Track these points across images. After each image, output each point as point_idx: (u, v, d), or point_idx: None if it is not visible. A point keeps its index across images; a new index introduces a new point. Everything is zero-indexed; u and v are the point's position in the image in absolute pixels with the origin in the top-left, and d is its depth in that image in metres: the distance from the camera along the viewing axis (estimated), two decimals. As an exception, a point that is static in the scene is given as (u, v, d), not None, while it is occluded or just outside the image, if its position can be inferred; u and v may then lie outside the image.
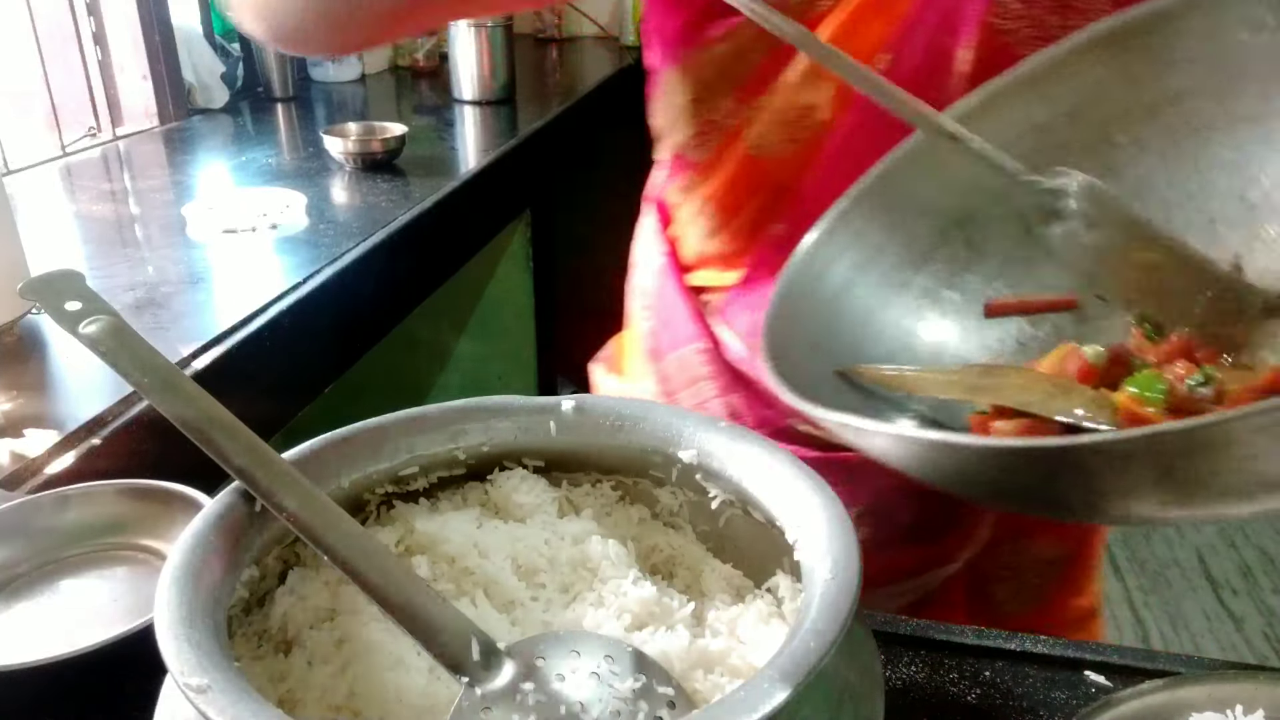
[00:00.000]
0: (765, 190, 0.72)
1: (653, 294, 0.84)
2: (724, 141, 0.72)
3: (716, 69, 0.70)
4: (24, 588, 0.58)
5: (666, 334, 0.82)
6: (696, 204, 0.77)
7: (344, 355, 1.20)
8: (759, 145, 0.70)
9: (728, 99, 0.70)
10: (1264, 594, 2.18)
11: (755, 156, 0.70)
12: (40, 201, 1.37)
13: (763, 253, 0.74)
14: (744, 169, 0.72)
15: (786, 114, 0.69)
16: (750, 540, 0.51)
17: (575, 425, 0.53)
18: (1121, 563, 2.28)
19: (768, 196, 0.72)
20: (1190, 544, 2.34)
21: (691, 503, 0.54)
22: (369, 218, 1.32)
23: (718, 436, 0.51)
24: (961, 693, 0.57)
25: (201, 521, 0.44)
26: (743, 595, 0.50)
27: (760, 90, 0.69)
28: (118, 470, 0.77)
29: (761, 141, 0.70)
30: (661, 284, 0.82)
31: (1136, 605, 2.16)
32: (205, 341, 0.95)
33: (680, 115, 0.74)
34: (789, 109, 0.69)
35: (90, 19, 1.65)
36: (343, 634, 0.45)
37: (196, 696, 0.35)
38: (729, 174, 0.73)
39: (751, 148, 0.70)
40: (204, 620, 0.39)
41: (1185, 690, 0.49)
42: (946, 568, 0.79)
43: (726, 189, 0.73)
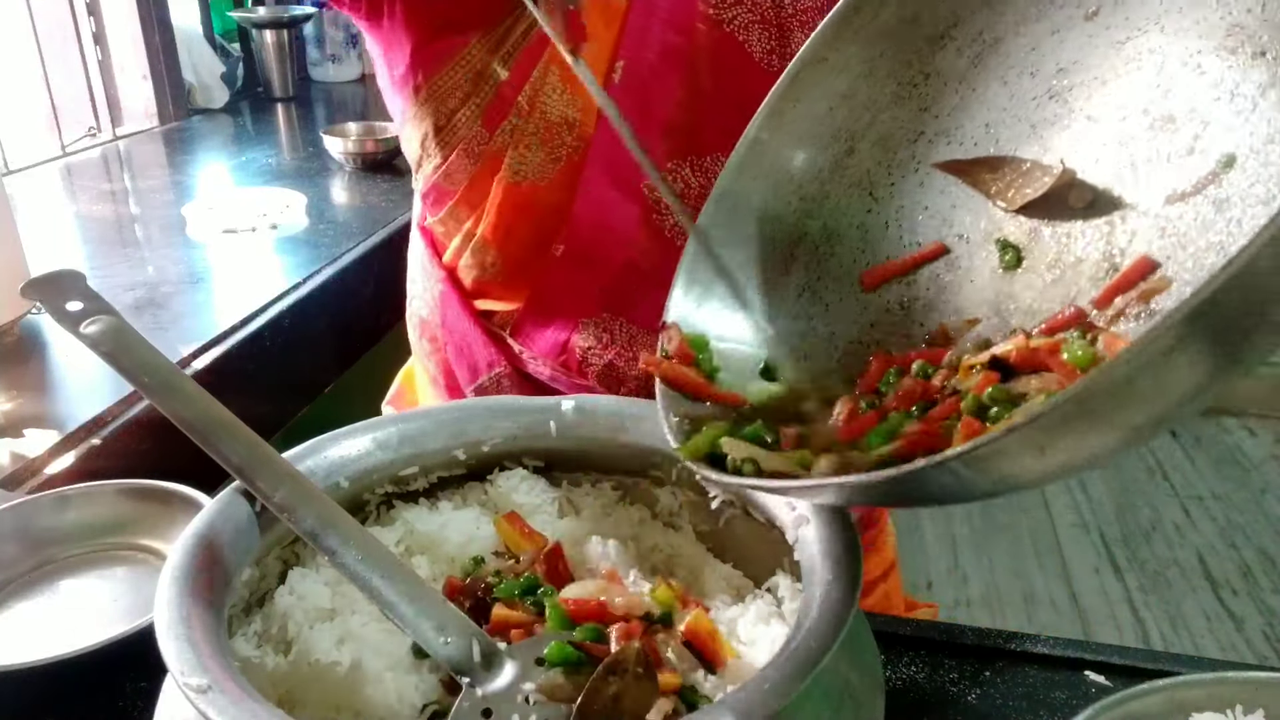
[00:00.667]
0: (536, 214, 0.70)
1: (436, 325, 0.81)
2: (481, 170, 0.70)
3: (458, 95, 0.68)
4: (24, 588, 0.58)
5: (462, 364, 0.79)
6: (465, 234, 0.74)
7: (344, 355, 1.20)
8: (519, 170, 0.68)
9: (475, 124, 0.68)
10: (1264, 594, 2.18)
11: (517, 183, 0.69)
12: (40, 201, 1.37)
13: (546, 274, 0.72)
14: (509, 197, 0.70)
15: (543, 134, 0.67)
16: (750, 540, 0.51)
17: (575, 425, 0.53)
18: (1121, 563, 2.28)
19: (540, 220, 0.70)
20: (1190, 544, 2.34)
21: (691, 503, 0.54)
22: (369, 218, 1.32)
23: None
24: (961, 693, 0.57)
25: (201, 521, 0.44)
26: (742, 595, 0.50)
27: (505, 112, 0.67)
28: (118, 470, 0.77)
29: (521, 166, 0.68)
30: (445, 312, 0.79)
31: (1136, 605, 2.16)
32: (205, 341, 0.95)
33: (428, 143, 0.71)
34: (545, 128, 0.67)
35: (90, 19, 1.65)
36: (343, 634, 0.45)
37: (197, 696, 0.35)
38: (495, 203, 0.70)
39: (513, 175, 0.69)
40: (204, 620, 0.39)
41: (1185, 690, 0.49)
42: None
43: (496, 219, 0.71)
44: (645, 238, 0.69)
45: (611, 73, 0.66)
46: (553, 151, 0.68)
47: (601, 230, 0.69)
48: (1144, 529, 2.42)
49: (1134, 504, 2.51)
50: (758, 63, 0.67)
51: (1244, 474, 2.63)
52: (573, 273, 0.71)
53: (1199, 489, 2.56)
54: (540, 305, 0.74)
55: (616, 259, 0.70)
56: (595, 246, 0.70)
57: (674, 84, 0.67)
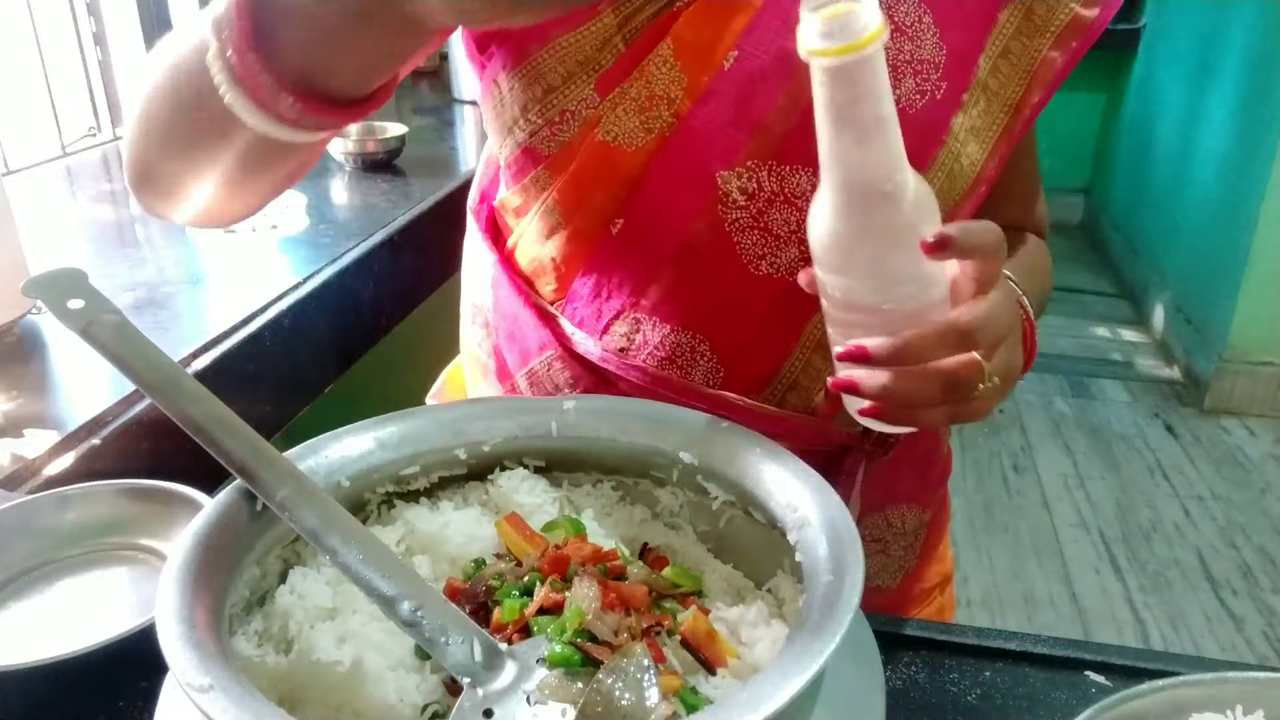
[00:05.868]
0: (613, 182, 0.71)
1: (489, 309, 0.81)
2: (579, 132, 0.71)
3: (577, 59, 0.69)
4: (24, 588, 0.58)
5: (514, 348, 0.79)
6: (540, 200, 0.75)
7: (344, 355, 1.20)
8: (613, 132, 0.69)
9: (587, 87, 0.69)
10: (1264, 594, 2.18)
11: (607, 143, 0.70)
12: (40, 201, 1.37)
13: (601, 250, 0.73)
14: (594, 157, 0.70)
15: (643, 102, 0.69)
16: (751, 541, 0.51)
17: (576, 425, 0.53)
18: (1121, 563, 2.28)
19: (614, 189, 0.71)
20: (1190, 544, 2.33)
21: (692, 503, 0.54)
22: (369, 218, 1.32)
23: (719, 437, 0.51)
24: (961, 693, 0.57)
25: (202, 521, 0.44)
26: (743, 596, 0.50)
27: (620, 78, 0.69)
28: (118, 470, 0.77)
29: (616, 129, 0.69)
30: (497, 295, 0.80)
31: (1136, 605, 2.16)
32: (205, 341, 0.95)
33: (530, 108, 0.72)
34: (646, 97, 0.69)
35: (90, 19, 1.65)
36: (344, 633, 0.45)
37: (198, 696, 0.35)
38: (579, 164, 0.71)
39: (605, 134, 0.70)
40: (205, 620, 0.39)
41: (1185, 690, 0.49)
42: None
43: (574, 180, 0.72)
44: (705, 227, 0.70)
45: (724, 60, 0.67)
46: (646, 122, 0.69)
47: (664, 208, 0.70)
48: (1144, 529, 2.42)
49: (1134, 504, 2.51)
50: None
51: (1244, 474, 2.63)
52: (625, 252, 0.72)
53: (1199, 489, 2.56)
54: (588, 286, 0.74)
55: (671, 243, 0.70)
56: (654, 225, 0.71)
57: (778, 88, 0.67)
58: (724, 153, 0.68)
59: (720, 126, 0.68)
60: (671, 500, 0.54)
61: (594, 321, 0.74)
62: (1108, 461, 2.69)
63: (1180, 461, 2.68)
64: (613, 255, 0.72)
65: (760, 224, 0.69)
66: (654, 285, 0.72)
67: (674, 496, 0.54)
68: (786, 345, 0.73)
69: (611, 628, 0.43)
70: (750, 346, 0.72)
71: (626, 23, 0.68)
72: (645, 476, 0.54)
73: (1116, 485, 2.58)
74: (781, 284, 0.70)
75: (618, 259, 0.72)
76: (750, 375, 0.72)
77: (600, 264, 0.73)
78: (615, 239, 0.72)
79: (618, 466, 0.55)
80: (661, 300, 0.72)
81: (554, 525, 0.51)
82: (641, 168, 0.70)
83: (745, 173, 0.69)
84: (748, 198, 0.69)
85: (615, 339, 0.73)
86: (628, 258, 0.72)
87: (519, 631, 0.44)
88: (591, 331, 0.74)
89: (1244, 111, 2.90)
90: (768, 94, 0.68)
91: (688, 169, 0.69)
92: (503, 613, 0.45)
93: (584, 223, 0.72)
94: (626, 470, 0.55)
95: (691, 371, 0.71)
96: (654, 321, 0.72)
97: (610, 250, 0.72)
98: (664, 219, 0.70)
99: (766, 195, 0.69)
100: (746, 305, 0.71)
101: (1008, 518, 2.43)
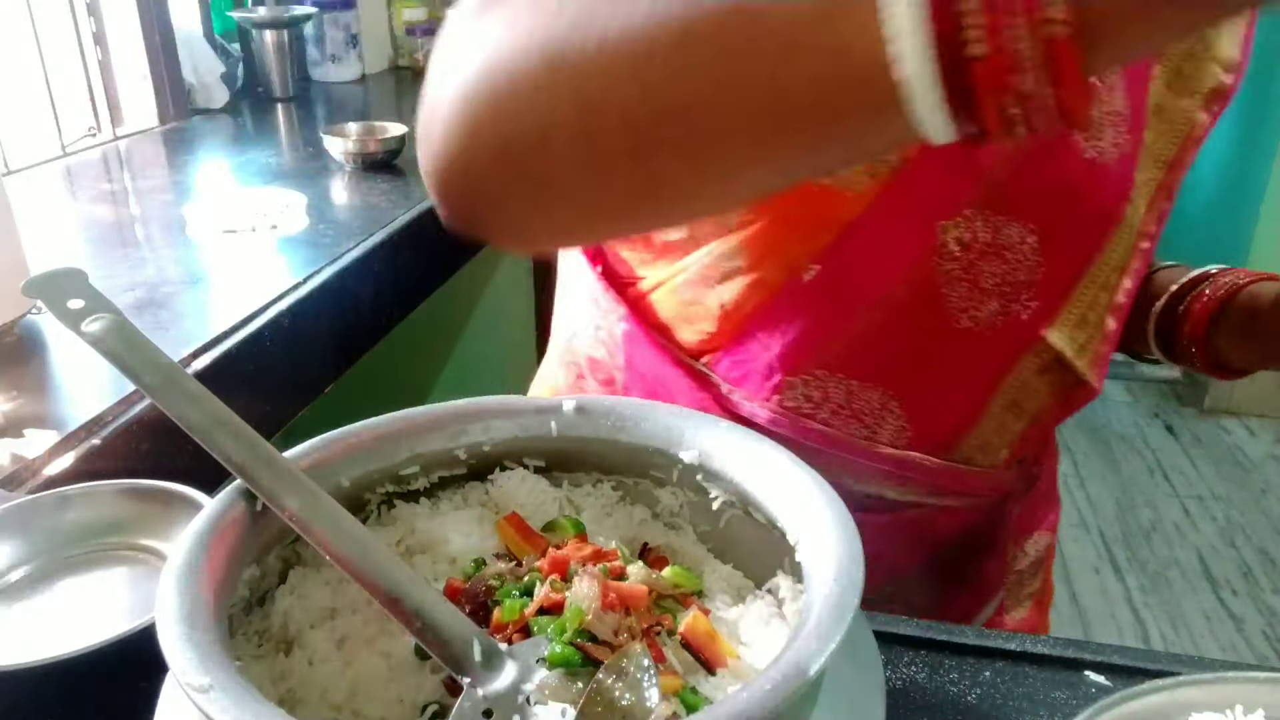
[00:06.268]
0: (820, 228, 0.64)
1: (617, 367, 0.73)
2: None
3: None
4: (24, 588, 0.58)
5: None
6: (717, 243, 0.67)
7: (344, 355, 1.20)
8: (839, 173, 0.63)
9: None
10: (1264, 594, 2.18)
11: (826, 186, 0.63)
12: (40, 201, 1.37)
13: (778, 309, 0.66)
14: (804, 201, 0.64)
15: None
16: (751, 541, 0.51)
17: (576, 425, 0.53)
18: (1121, 563, 2.28)
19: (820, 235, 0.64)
20: (1190, 544, 2.34)
21: (692, 503, 0.54)
22: (369, 218, 1.32)
23: (719, 436, 0.51)
24: (961, 693, 0.57)
25: (202, 521, 0.44)
26: (743, 596, 0.50)
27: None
28: (118, 470, 0.77)
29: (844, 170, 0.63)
30: (630, 353, 0.71)
31: (1136, 605, 2.16)
32: (205, 341, 0.95)
33: None
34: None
35: (90, 19, 1.65)
36: (344, 633, 0.45)
37: (198, 696, 0.35)
38: (785, 208, 0.64)
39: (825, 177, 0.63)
40: (205, 620, 0.39)
41: (1185, 690, 0.49)
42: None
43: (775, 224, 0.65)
44: (918, 278, 0.65)
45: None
46: (872, 165, 0.63)
47: (874, 257, 0.65)
48: (1144, 529, 2.42)
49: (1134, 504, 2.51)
50: (1078, 150, 0.66)
51: (1244, 474, 2.63)
52: (817, 302, 0.66)
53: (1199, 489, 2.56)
54: (752, 342, 0.67)
55: (874, 293, 0.65)
56: (858, 274, 0.65)
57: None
58: (945, 201, 0.65)
59: (943, 172, 0.64)
60: (671, 500, 0.54)
61: (762, 378, 0.68)
62: (1108, 461, 2.69)
63: (1180, 461, 2.68)
64: (799, 304, 0.66)
65: (969, 276, 0.66)
66: (843, 337, 0.67)
67: (674, 496, 0.54)
68: (981, 402, 0.70)
69: (611, 628, 0.43)
70: (942, 404, 0.69)
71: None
72: (645, 476, 0.54)
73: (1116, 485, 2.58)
74: (979, 338, 0.67)
75: (805, 308, 0.66)
76: (940, 433, 0.70)
77: (782, 313, 0.67)
78: (806, 287, 0.66)
79: (618, 466, 0.55)
80: (851, 354, 0.67)
81: (554, 525, 0.51)
82: (858, 214, 0.64)
83: (963, 222, 0.65)
84: (962, 248, 0.65)
85: (790, 397, 0.68)
86: (817, 307, 0.66)
87: (519, 631, 0.44)
88: (758, 388, 0.69)
89: (1244, 111, 2.90)
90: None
91: (908, 216, 0.64)
92: (503, 613, 0.45)
93: (773, 269, 0.66)
94: (626, 470, 0.55)
95: (878, 430, 0.68)
96: (839, 378, 0.67)
97: (797, 299, 0.66)
98: (871, 268, 0.65)
99: (980, 247, 0.65)
100: (943, 360, 0.68)
101: (1008, 518, 2.43)
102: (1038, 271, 0.68)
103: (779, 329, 0.67)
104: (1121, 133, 0.67)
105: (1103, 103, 0.67)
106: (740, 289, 0.67)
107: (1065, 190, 0.67)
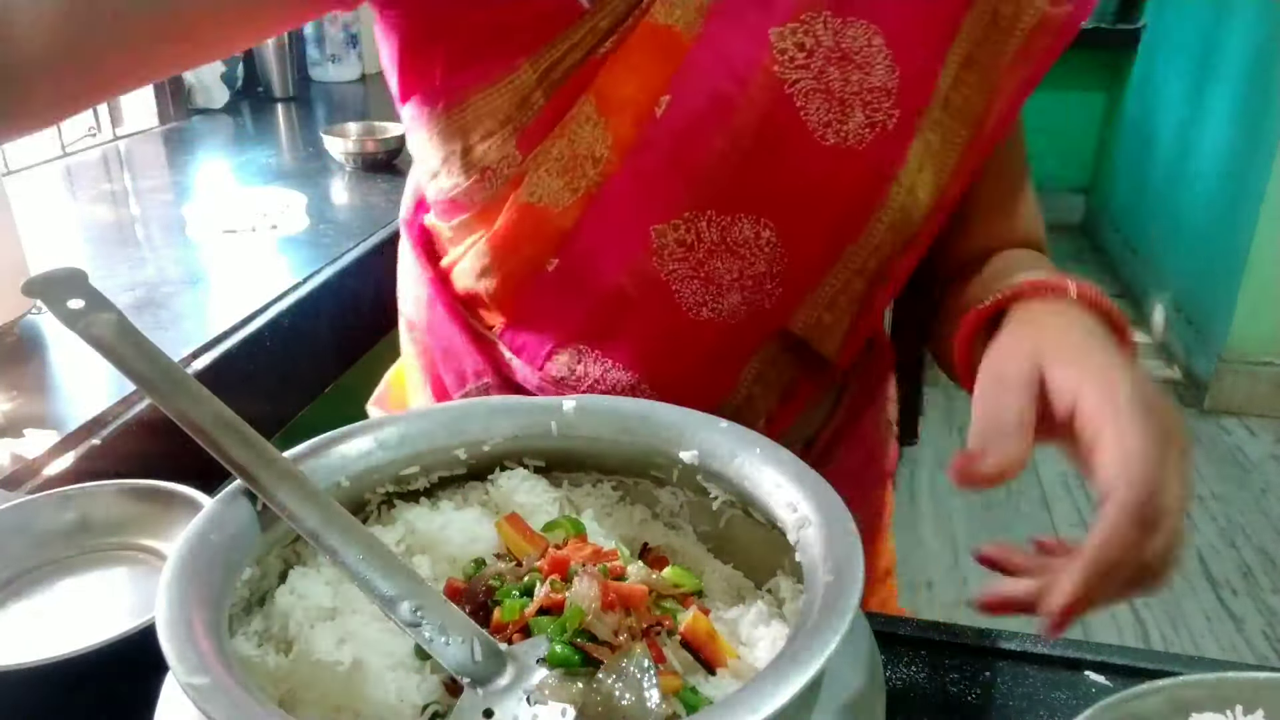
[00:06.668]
0: (541, 238, 0.68)
1: (423, 328, 0.79)
2: (501, 190, 0.67)
3: (497, 118, 0.65)
4: (24, 588, 0.58)
5: (449, 370, 0.77)
6: (469, 242, 0.72)
7: (344, 355, 1.20)
8: (536, 193, 0.66)
9: (509, 145, 0.65)
10: (1264, 594, 2.18)
11: (532, 204, 0.66)
12: (40, 201, 1.37)
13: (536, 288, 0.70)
14: (522, 216, 0.67)
15: (566, 162, 0.65)
16: (751, 541, 0.51)
17: (576, 425, 0.53)
18: (1121, 563, 2.28)
19: (545, 240, 0.68)
20: (1190, 544, 2.34)
21: (692, 503, 0.54)
22: (369, 218, 1.32)
23: (719, 437, 0.51)
24: (961, 693, 0.57)
25: (202, 521, 0.44)
26: (743, 596, 0.50)
27: (541, 136, 0.65)
28: (118, 470, 0.77)
29: (540, 189, 0.66)
30: (431, 315, 0.77)
31: (1136, 605, 2.16)
32: (205, 341, 0.95)
33: (450, 162, 0.68)
34: (570, 157, 0.65)
35: (90, 19, 1.65)
36: (344, 633, 0.45)
37: (197, 695, 0.35)
38: (507, 221, 0.68)
39: (529, 196, 0.66)
40: (204, 619, 0.39)
41: (1185, 690, 0.49)
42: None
43: (504, 234, 0.69)
44: (640, 279, 0.68)
45: (655, 106, 0.64)
46: (572, 182, 0.66)
47: (598, 257, 0.68)
48: (1144, 529, 2.42)
49: (1134, 504, 2.51)
50: (811, 132, 0.64)
51: (1244, 474, 2.63)
52: (561, 291, 0.70)
53: (1199, 489, 2.56)
54: (526, 319, 0.73)
55: (607, 285, 0.69)
56: (589, 268, 0.69)
57: (714, 132, 0.64)
58: (659, 206, 0.66)
59: (653, 178, 0.65)
60: (671, 500, 0.54)
61: (536, 349, 0.72)
62: (1108, 461, 2.68)
63: (1180, 461, 2.68)
64: (551, 291, 0.70)
65: (701, 274, 0.67)
66: (593, 322, 0.70)
67: (674, 496, 0.54)
68: (726, 385, 0.72)
69: (611, 628, 0.43)
70: (690, 386, 0.70)
71: (546, 76, 0.64)
72: (645, 476, 0.54)
73: (1116, 485, 2.58)
74: (723, 327, 0.69)
75: (556, 294, 0.70)
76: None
77: (539, 299, 0.71)
78: (551, 276, 0.69)
79: (618, 466, 0.55)
80: (601, 337, 0.70)
81: (554, 525, 0.51)
82: (572, 224, 0.67)
83: (683, 224, 0.66)
84: (686, 249, 0.66)
85: (557, 367, 0.72)
86: (564, 294, 0.70)
87: (519, 631, 0.44)
88: (533, 359, 0.72)
89: (1244, 111, 2.90)
90: (704, 138, 0.64)
91: (619, 224, 0.66)
92: (503, 612, 0.45)
93: (518, 267, 0.70)
94: (626, 470, 0.55)
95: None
96: (595, 355, 0.71)
97: (547, 287, 0.70)
98: (596, 267, 0.68)
99: (707, 246, 0.66)
100: (686, 349, 0.70)
101: (1008, 518, 2.43)
102: (780, 262, 0.68)
103: (541, 310, 0.71)
104: (883, 108, 0.65)
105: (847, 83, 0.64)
106: (498, 282, 0.72)
107: (803, 182, 0.66)
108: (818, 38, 0.63)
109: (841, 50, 0.64)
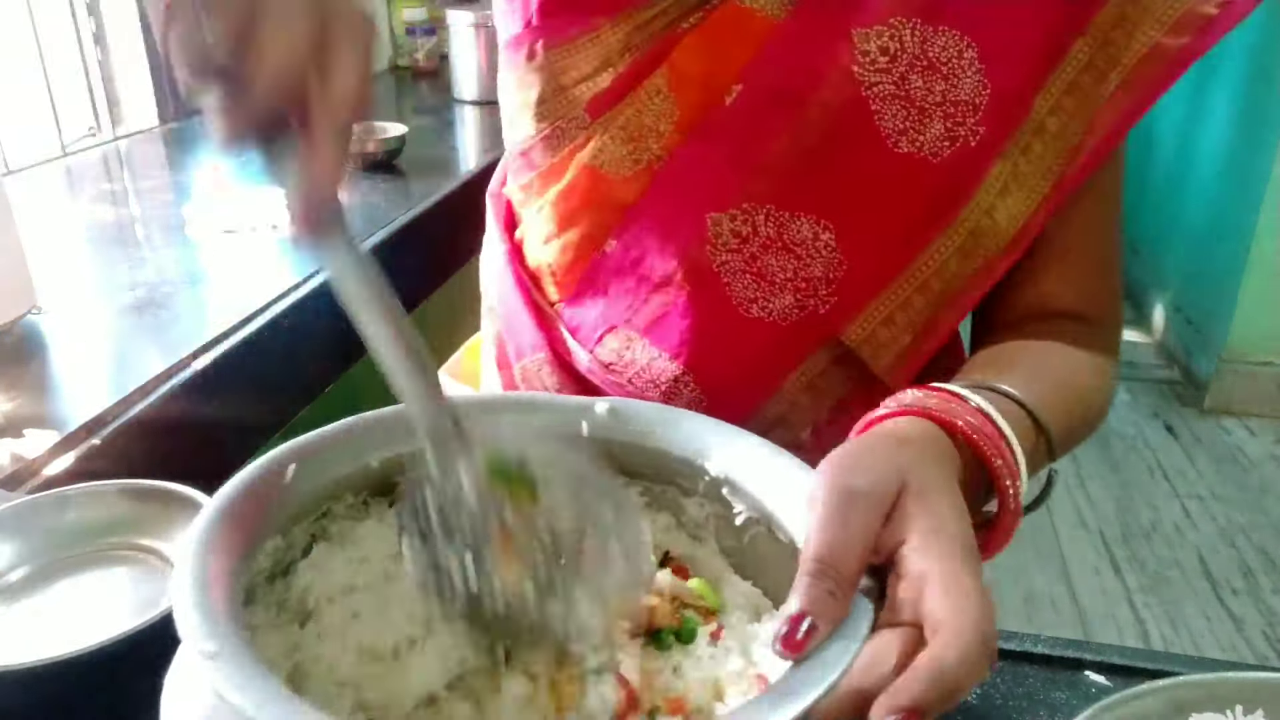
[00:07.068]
0: (604, 207, 0.69)
1: (495, 295, 0.81)
2: (569, 150, 0.69)
3: (573, 75, 0.66)
4: (24, 588, 0.58)
5: (512, 340, 0.78)
6: (538, 205, 0.73)
7: (344, 355, 1.20)
8: (600, 158, 0.67)
9: (579, 108, 0.67)
10: (1264, 594, 2.18)
11: (595, 169, 0.67)
12: (40, 201, 1.37)
13: (592, 273, 0.71)
14: (585, 180, 0.69)
15: (631, 131, 0.66)
16: (772, 560, 0.50)
17: (607, 427, 0.53)
18: (1121, 563, 2.28)
19: (605, 213, 0.69)
20: (1190, 544, 2.33)
21: (717, 516, 0.53)
22: (369, 218, 1.32)
23: (747, 452, 0.50)
24: (962, 693, 0.57)
25: (228, 490, 0.44)
26: (760, 615, 0.50)
27: (612, 102, 0.66)
28: (118, 470, 0.77)
29: (604, 155, 0.67)
30: (503, 285, 0.78)
31: (1136, 605, 2.15)
32: (205, 341, 0.95)
33: (526, 111, 0.69)
34: (636, 126, 0.66)
35: (90, 19, 1.65)
36: (359, 610, 0.45)
37: (205, 661, 0.35)
38: (571, 182, 0.69)
39: (592, 159, 0.67)
40: (222, 586, 0.39)
41: (1185, 690, 0.49)
42: None
43: (566, 197, 0.70)
44: (692, 267, 0.67)
45: (725, 94, 0.64)
46: (634, 152, 0.66)
47: (654, 240, 0.68)
48: (1144, 529, 2.42)
49: (1134, 504, 2.51)
50: (884, 138, 0.63)
51: (1244, 474, 2.63)
52: (618, 273, 0.70)
53: (1199, 489, 2.56)
54: (583, 297, 0.73)
55: (660, 271, 0.69)
56: (644, 252, 0.69)
57: (780, 127, 0.64)
58: (716, 193, 0.66)
59: (714, 164, 0.65)
60: (697, 511, 0.53)
61: (590, 329, 0.73)
62: (1107, 461, 2.68)
63: (1180, 461, 2.68)
64: (606, 274, 0.71)
65: (753, 268, 0.67)
66: (645, 309, 0.70)
67: (700, 507, 0.53)
68: (771, 387, 0.71)
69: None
70: (734, 384, 0.70)
71: (631, 38, 0.64)
72: (672, 484, 0.53)
73: (1116, 485, 2.58)
74: (773, 327, 0.68)
75: (611, 278, 0.71)
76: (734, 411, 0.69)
77: (597, 278, 0.72)
78: (607, 259, 0.70)
79: (645, 472, 0.54)
80: (652, 325, 0.70)
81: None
82: (633, 197, 0.67)
83: (740, 215, 0.66)
84: (740, 240, 0.66)
85: (606, 352, 0.72)
86: (619, 279, 0.71)
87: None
88: (586, 339, 0.73)
89: (1244, 111, 2.90)
90: (768, 131, 0.64)
91: (675, 206, 0.67)
92: None
93: (576, 239, 0.71)
94: (655, 477, 0.54)
95: (674, 400, 0.70)
96: (645, 343, 0.71)
97: (602, 270, 0.71)
98: (652, 250, 0.69)
99: (762, 241, 0.66)
100: (734, 346, 0.69)
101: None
102: (838, 268, 0.67)
103: (597, 290, 0.72)
104: (966, 124, 0.63)
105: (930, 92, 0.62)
106: (559, 252, 0.72)
107: (869, 187, 0.65)
108: (903, 43, 0.62)
109: (928, 59, 0.63)
